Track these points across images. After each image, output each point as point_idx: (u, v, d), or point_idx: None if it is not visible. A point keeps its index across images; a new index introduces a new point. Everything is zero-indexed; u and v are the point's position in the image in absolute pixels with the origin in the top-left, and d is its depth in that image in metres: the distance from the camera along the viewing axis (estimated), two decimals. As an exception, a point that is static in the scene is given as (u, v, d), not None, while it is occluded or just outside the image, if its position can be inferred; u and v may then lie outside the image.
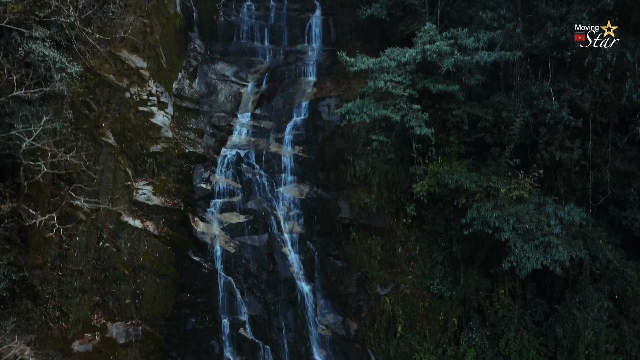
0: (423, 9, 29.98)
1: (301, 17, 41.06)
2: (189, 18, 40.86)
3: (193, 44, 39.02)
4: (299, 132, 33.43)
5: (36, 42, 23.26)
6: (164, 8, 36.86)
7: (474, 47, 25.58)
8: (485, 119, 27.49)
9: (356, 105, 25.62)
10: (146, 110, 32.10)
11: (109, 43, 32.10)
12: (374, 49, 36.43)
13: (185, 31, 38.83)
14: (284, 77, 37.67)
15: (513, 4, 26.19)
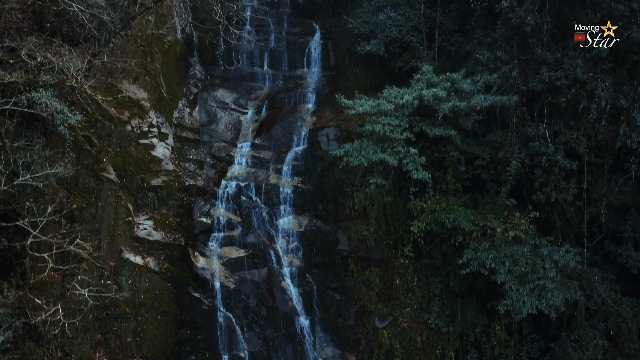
0: (421, 46, 30.25)
1: (301, 42, 41.34)
2: (189, 43, 41.14)
3: (193, 69, 39.31)
4: (298, 163, 33.75)
5: (39, 92, 23.55)
6: (164, 35, 37.11)
7: (471, 90, 25.85)
8: (482, 157, 27.80)
9: (354, 148, 25.95)
10: (147, 143, 32.41)
11: (110, 74, 32.35)
12: (372, 75, 36.87)
13: (185, 57, 39.12)
14: (284, 104, 37.98)
15: (509, 46, 26.46)
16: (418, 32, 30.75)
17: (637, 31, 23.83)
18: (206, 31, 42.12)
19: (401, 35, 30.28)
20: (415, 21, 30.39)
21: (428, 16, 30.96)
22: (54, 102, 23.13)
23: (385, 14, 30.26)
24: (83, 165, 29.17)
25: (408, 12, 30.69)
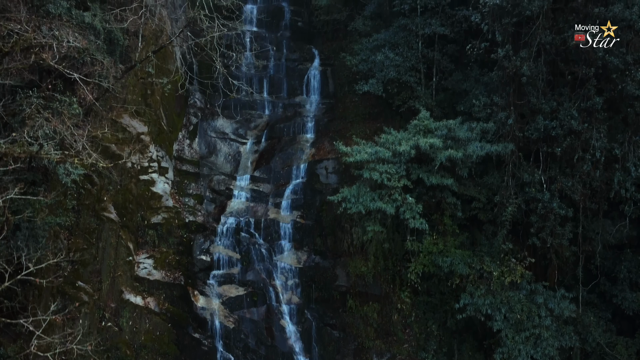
0: (418, 86, 30.50)
1: (300, 68, 41.54)
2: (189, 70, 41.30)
3: (193, 98, 39.50)
4: (297, 197, 34.05)
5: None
6: (164, 65, 37.32)
7: (467, 137, 26.13)
8: (479, 200, 28.09)
9: (352, 194, 26.25)
10: (147, 179, 32.70)
11: (111, 109, 32.58)
12: (371, 104, 37.09)
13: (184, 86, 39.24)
14: (283, 134, 38.27)
15: (505, 92, 26.70)
16: (416, 72, 30.98)
17: (631, 84, 24.04)
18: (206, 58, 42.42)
19: (399, 75, 30.52)
20: (413, 61, 30.61)
21: (425, 55, 31.17)
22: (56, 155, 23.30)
23: (383, 54, 30.42)
24: (84, 205, 29.48)
25: (406, 52, 30.88)
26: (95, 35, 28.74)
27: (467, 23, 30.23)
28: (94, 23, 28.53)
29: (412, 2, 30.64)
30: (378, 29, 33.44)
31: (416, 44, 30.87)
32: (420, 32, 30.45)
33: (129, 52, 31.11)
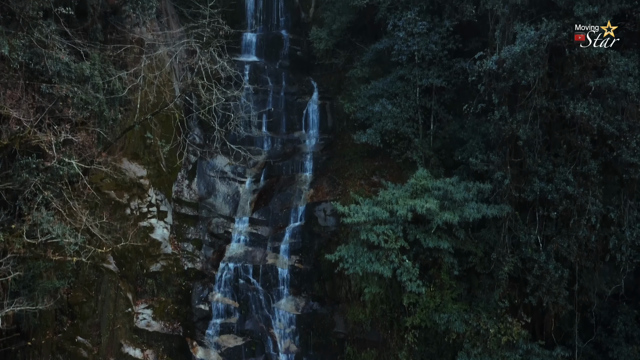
0: (416, 137, 30.64)
1: (299, 102, 41.62)
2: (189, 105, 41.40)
3: (192, 134, 39.56)
4: (295, 241, 34.24)
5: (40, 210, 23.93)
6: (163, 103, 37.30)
7: (463, 198, 26.28)
8: (475, 254, 28.29)
9: (349, 254, 26.46)
10: (146, 225, 32.90)
11: (110, 153, 32.69)
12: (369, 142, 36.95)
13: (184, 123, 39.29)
14: (282, 172, 38.44)
15: (502, 150, 26.82)
16: (413, 122, 31.09)
17: (626, 152, 24.18)
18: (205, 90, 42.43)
19: (397, 126, 30.65)
20: (411, 113, 30.73)
21: (423, 105, 31.27)
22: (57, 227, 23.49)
23: (381, 105, 30.53)
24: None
25: (403, 102, 30.97)
26: (95, 89, 28.80)
27: (464, 75, 30.28)
28: (93, 77, 28.54)
29: (410, 53, 30.65)
30: (376, 75, 33.51)
31: (414, 94, 30.96)
32: (418, 82, 30.51)
33: (128, 101, 31.19)
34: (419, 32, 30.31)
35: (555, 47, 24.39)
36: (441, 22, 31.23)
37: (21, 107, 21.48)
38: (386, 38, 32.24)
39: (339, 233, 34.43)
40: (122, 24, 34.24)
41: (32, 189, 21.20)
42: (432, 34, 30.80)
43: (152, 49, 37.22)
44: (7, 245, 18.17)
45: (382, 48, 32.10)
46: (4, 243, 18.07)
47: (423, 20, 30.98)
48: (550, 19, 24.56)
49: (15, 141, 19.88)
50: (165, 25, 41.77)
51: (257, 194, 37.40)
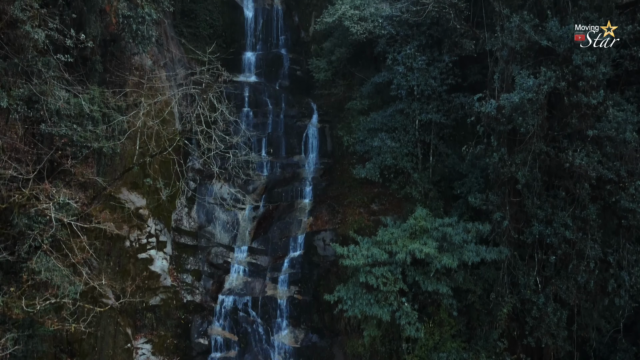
0: (415, 173, 30.64)
1: (298, 125, 41.60)
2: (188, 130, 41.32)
3: (192, 159, 39.53)
4: (295, 271, 34.29)
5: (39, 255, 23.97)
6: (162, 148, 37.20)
7: (463, 240, 26.30)
8: (474, 292, 28.33)
9: (348, 295, 26.53)
10: (145, 257, 32.92)
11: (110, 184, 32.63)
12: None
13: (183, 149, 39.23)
14: (281, 199, 38.47)
15: (501, 191, 26.81)
16: (412, 157, 31.08)
17: (625, 198, 24.18)
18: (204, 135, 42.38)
19: (396, 161, 30.67)
20: (410, 148, 30.72)
21: (422, 140, 31.26)
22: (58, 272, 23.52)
23: (380, 139, 30.52)
24: (82, 293, 29.60)
25: (402, 136, 30.97)
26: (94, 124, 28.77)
27: (463, 110, 30.26)
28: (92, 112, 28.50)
29: (409, 88, 30.61)
30: (375, 106, 33.51)
31: (413, 128, 30.95)
32: (417, 117, 30.49)
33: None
34: (419, 67, 30.24)
35: (554, 93, 24.35)
36: (440, 56, 31.18)
37: (20, 159, 21.41)
38: (385, 71, 32.20)
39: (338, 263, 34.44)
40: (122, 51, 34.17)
41: (30, 233, 21.23)
42: (432, 68, 30.76)
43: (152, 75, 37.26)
44: (5, 310, 18.20)
45: (381, 82, 31.99)
46: (3, 307, 18.10)
47: (422, 54, 30.94)
48: (549, 64, 24.52)
49: (14, 205, 19.89)
50: (165, 49, 41.75)
51: (257, 222, 37.44)
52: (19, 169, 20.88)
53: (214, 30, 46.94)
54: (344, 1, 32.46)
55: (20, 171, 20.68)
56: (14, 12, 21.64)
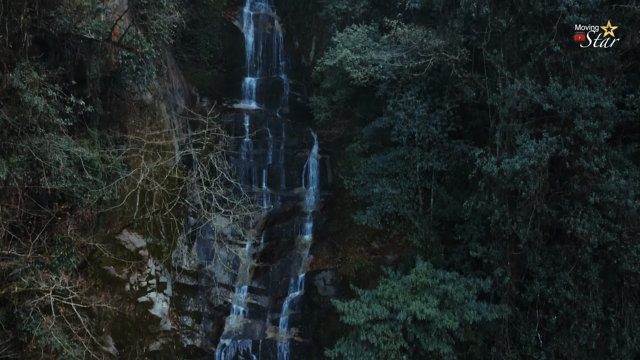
0: (416, 220, 30.56)
1: (299, 156, 41.53)
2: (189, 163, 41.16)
3: (192, 194, 39.33)
4: (295, 312, 34.29)
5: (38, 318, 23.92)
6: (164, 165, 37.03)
7: (464, 297, 26.26)
8: (475, 344, 28.32)
9: (349, 353, 26.50)
10: (145, 301, 32.89)
11: (109, 226, 32.63)
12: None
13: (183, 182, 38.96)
14: (282, 234, 38.47)
15: (502, 246, 26.74)
16: (413, 204, 30.99)
17: (627, 260, 24.14)
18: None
19: (397, 208, 30.62)
20: (411, 195, 30.63)
21: (423, 186, 31.16)
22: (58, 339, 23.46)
23: (380, 186, 30.43)
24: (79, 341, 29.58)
25: (403, 182, 30.88)
26: (94, 173, 28.67)
27: (464, 158, 30.14)
28: (93, 162, 28.37)
29: (410, 134, 30.49)
30: (376, 149, 33.42)
31: (413, 175, 30.84)
32: (418, 164, 30.37)
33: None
34: (419, 114, 30.10)
35: (556, 157, 24.23)
36: (441, 102, 31.04)
37: (19, 229, 21.36)
38: (386, 116, 32.04)
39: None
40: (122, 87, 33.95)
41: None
42: (433, 115, 30.61)
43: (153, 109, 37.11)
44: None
45: (381, 127, 31.85)
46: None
47: (423, 100, 30.80)
48: (550, 126, 24.39)
49: (14, 297, 19.88)
50: (165, 79, 41.57)
51: (257, 259, 37.38)
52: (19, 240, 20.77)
53: (214, 55, 46.80)
54: (344, 43, 32.15)
55: (20, 243, 20.58)
56: (14, 81, 21.48)
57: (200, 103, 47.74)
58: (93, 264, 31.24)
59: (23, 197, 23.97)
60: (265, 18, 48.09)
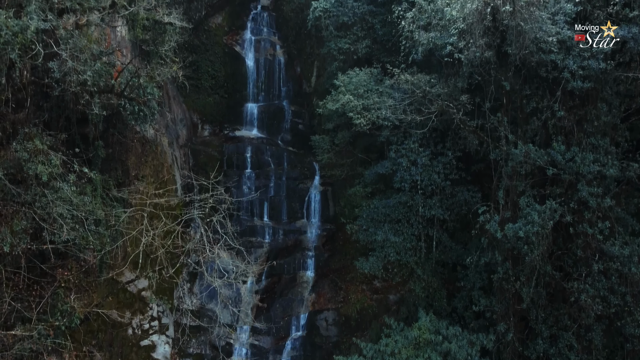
0: (419, 268, 30.57)
1: (300, 188, 41.47)
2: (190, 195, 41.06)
3: (194, 227, 39.34)
4: (297, 354, 34.38)
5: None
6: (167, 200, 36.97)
7: (467, 353, 26.26)
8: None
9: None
10: (148, 344, 32.92)
11: (111, 267, 32.61)
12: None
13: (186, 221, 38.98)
14: (283, 271, 38.48)
15: (505, 301, 26.74)
16: (416, 251, 30.98)
17: (630, 324, 24.13)
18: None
19: (399, 256, 30.61)
20: (414, 242, 30.61)
21: (426, 233, 31.14)
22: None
23: (383, 233, 30.41)
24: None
25: (406, 229, 30.87)
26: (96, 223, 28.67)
27: (467, 206, 30.10)
28: (94, 212, 28.32)
29: (412, 182, 30.44)
30: (378, 191, 33.37)
31: (416, 222, 30.80)
32: (420, 212, 30.33)
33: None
34: (422, 163, 30.03)
35: (560, 222, 24.19)
36: (444, 149, 30.94)
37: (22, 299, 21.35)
38: (388, 162, 31.96)
39: (340, 344, 34.60)
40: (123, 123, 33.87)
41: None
42: (435, 163, 30.54)
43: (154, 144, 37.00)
44: None
45: (384, 172, 31.79)
46: None
47: (426, 146, 30.72)
48: (554, 188, 24.34)
49: None
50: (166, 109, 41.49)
51: (259, 298, 37.37)
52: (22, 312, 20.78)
53: (216, 81, 46.72)
54: (346, 87, 32.04)
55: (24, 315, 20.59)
56: (18, 153, 21.42)
57: (201, 131, 47.70)
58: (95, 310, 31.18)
59: (26, 261, 23.99)
60: (266, 43, 47.93)
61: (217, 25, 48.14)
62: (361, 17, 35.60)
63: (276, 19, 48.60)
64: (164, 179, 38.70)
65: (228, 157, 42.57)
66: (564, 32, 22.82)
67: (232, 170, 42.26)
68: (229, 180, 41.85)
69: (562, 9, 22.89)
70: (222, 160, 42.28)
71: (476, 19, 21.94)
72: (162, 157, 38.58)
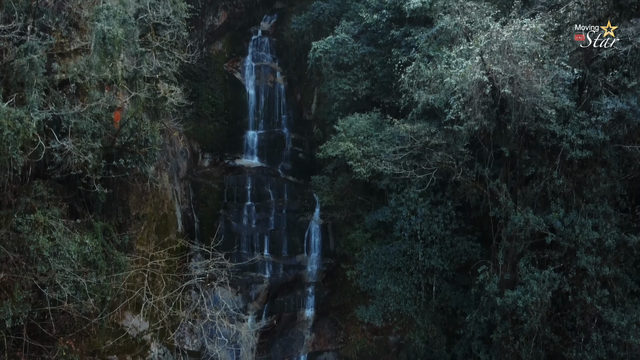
0: (418, 316, 30.68)
1: (301, 221, 41.50)
2: (191, 230, 41.29)
3: (195, 261, 39.47)
4: (298, 402, 34.57)
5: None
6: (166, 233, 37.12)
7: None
8: None
9: None
10: (149, 388, 33.06)
11: (111, 308, 32.70)
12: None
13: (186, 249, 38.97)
14: (283, 308, 38.63)
15: (505, 358, 26.87)
16: (416, 300, 31.07)
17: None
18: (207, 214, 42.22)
19: (399, 306, 30.69)
20: (414, 292, 30.71)
21: (426, 282, 31.23)
22: None
23: (383, 283, 30.51)
24: None
25: (406, 277, 30.94)
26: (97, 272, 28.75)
27: (466, 256, 30.20)
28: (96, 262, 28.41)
29: (412, 231, 30.51)
30: (379, 236, 33.42)
31: (416, 270, 30.89)
32: (420, 262, 30.42)
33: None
34: (422, 213, 30.08)
35: (558, 289, 24.28)
36: (443, 199, 30.97)
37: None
38: (388, 209, 31.99)
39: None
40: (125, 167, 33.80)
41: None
42: (435, 212, 30.57)
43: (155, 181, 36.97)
44: None
45: (384, 220, 31.85)
46: None
47: (426, 196, 30.71)
48: (553, 253, 24.45)
49: None
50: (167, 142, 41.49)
51: (259, 337, 37.49)
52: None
53: (216, 108, 46.60)
54: (347, 132, 32.07)
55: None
56: (19, 227, 21.49)
57: (202, 161, 47.56)
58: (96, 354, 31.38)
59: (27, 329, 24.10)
60: (267, 70, 47.84)
61: (218, 52, 48.01)
62: (361, 58, 35.55)
63: (277, 45, 48.51)
64: (166, 216, 38.78)
65: (228, 189, 42.59)
66: (563, 100, 22.82)
67: (232, 203, 42.28)
68: (230, 213, 41.97)
69: (561, 77, 22.87)
70: (222, 193, 42.30)
71: (475, 91, 21.93)
72: (162, 194, 38.62)
